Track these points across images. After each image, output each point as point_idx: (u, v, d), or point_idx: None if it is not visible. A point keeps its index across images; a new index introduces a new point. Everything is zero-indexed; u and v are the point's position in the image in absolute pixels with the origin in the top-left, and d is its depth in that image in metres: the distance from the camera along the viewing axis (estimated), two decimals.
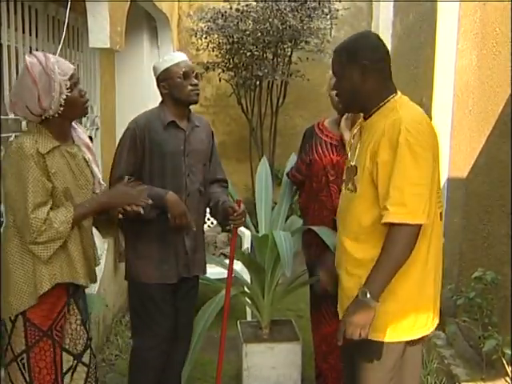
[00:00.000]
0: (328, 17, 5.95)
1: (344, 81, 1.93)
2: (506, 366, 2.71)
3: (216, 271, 3.57)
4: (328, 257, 2.21)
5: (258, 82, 6.04)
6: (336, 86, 1.99)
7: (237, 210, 2.62)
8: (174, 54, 2.72)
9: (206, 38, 5.91)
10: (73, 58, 3.90)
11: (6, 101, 3.02)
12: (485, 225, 3.23)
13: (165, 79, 2.60)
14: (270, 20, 5.53)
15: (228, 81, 6.18)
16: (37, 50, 3.32)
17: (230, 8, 5.75)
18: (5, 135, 2.96)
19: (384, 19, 6.18)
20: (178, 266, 2.63)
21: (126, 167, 2.57)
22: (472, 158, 3.46)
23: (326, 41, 5.94)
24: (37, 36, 3.35)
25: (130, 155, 2.57)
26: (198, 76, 2.66)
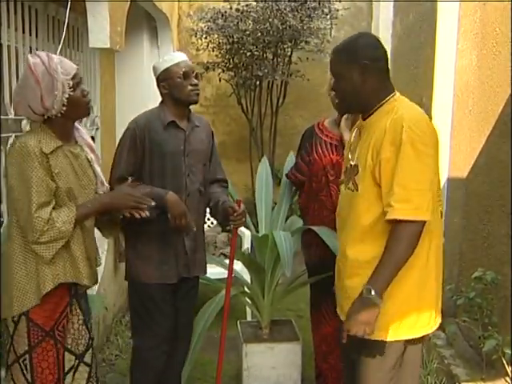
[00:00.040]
0: (328, 17, 5.96)
1: (344, 81, 1.93)
2: (506, 366, 2.71)
3: (216, 271, 3.57)
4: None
5: (258, 82, 6.04)
6: (335, 86, 1.99)
7: (237, 210, 2.62)
8: (174, 54, 2.71)
9: (206, 37, 5.91)
10: (73, 58, 3.90)
11: (6, 101, 3.02)
12: (485, 225, 3.23)
13: (165, 79, 2.60)
14: (270, 20, 5.53)
15: (228, 81, 6.18)
16: (37, 50, 3.32)
17: (230, 8, 5.75)
18: (5, 135, 2.96)
19: (384, 19, 6.18)
20: (177, 266, 2.63)
21: (126, 167, 2.57)
22: (472, 158, 3.46)
23: (326, 41, 5.95)
24: (37, 36, 3.35)
25: (129, 155, 2.57)
26: (198, 76, 2.66)
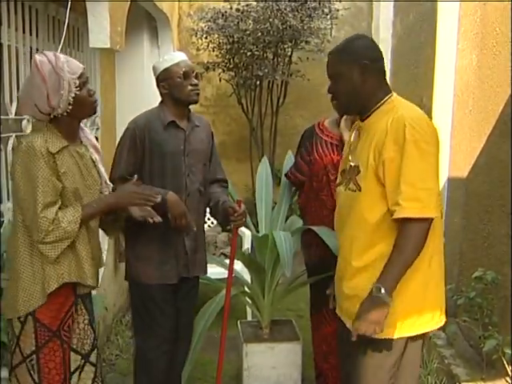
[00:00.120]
0: (328, 17, 5.96)
1: (343, 81, 1.93)
2: (507, 366, 2.71)
3: (216, 271, 3.57)
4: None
5: (258, 82, 6.04)
6: (332, 88, 1.99)
7: (237, 210, 2.61)
8: (174, 54, 2.71)
9: (206, 37, 5.91)
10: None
11: (7, 101, 3.02)
12: (485, 225, 3.23)
13: (165, 79, 2.60)
14: (271, 20, 5.53)
15: (228, 81, 6.18)
16: (37, 50, 3.32)
17: (231, 8, 5.75)
18: (5, 135, 2.96)
19: (384, 19, 6.17)
20: (178, 267, 2.63)
21: (126, 167, 2.57)
22: (472, 157, 3.46)
23: (327, 41, 5.95)
24: (37, 36, 3.35)
25: (129, 155, 2.58)
26: (197, 76, 2.66)
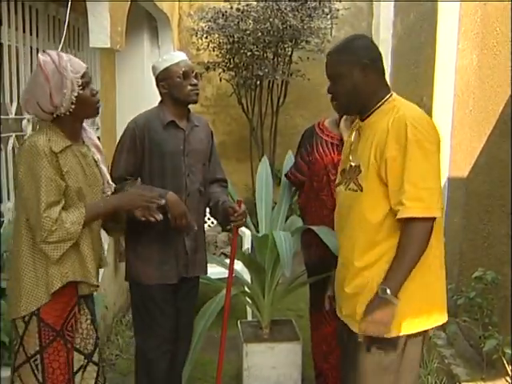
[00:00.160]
0: (328, 16, 5.96)
1: (343, 82, 1.93)
2: (507, 366, 2.71)
3: (216, 271, 3.57)
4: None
5: (258, 82, 6.04)
6: (332, 88, 1.98)
7: (237, 210, 2.61)
8: (174, 54, 2.70)
9: (206, 37, 5.91)
10: None
11: (7, 101, 3.03)
12: (485, 224, 3.23)
13: (164, 79, 2.59)
14: (271, 20, 5.53)
15: (228, 80, 6.18)
16: (37, 50, 3.33)
17: (231, 8, 5.75)
18: (5, 135, 2.97)
19: (384, 19, 6.18)
20: (178, 267, 2.62)
21: (126, 167, 2.57)
22: (472, 157, 3.46)
23: (327, 40, 5.95)
24: (37, 36, 3.36)
25: (129, 155, 2.57)
26: (197, 76, 2.65)
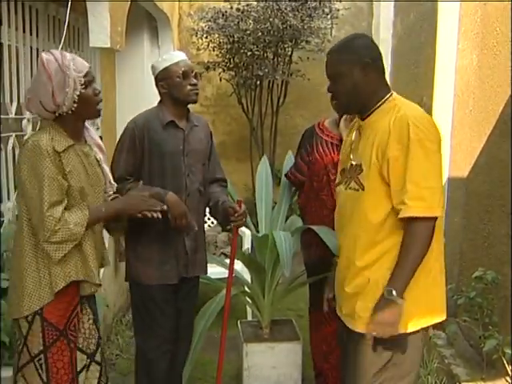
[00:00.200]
0: (328, 16, 5.96)
1: (344, 81, 1.92)
2: (507, 366, 2.71)
3: (217, 271, 3.57)
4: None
5: (258, 82, 6.04)
6: (332, 88, 1.98)
7: (238, 210, 2.61)
8: (173, 54, 2.69)
9: (206, 37, 5.91)
10: None
11: (7, 101, 3.03)
12: (485, 224, 3.23)
13: (164, 78, 2.59)
14: (271, 20, 5.53)
15: (228, 80, 6.18)
16: (37, 50, 3.33)
17: (231, 7, 5.75)
18: (5, 135, 2.97)
19: (384, 19, 6.18)
20: (178, 267, 2.62)
21: (126, 167, 2.56)
22: (472, 157, 3.46)
23: (327, 40, 5.94)
24: (37, 36, 3.36)
25: (129, 155, 2.56)
26: (197, 75, 2.64)
